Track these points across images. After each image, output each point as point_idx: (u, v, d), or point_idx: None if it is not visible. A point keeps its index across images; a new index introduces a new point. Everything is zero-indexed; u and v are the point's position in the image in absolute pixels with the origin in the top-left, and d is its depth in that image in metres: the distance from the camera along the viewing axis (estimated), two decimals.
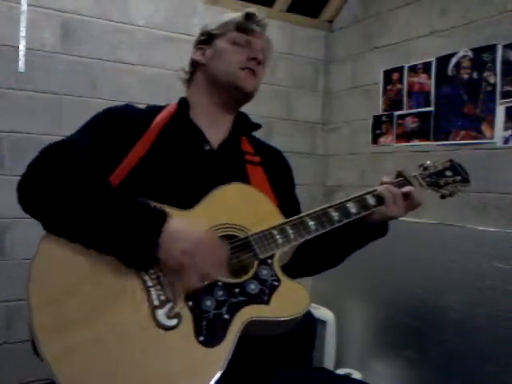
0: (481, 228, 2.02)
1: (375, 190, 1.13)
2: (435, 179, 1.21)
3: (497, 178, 2.02)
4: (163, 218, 0.92)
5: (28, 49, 2.12)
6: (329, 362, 2.45)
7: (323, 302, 2.60)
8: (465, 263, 2.01)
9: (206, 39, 1.22)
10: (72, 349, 0.86)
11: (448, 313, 2.05)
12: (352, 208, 1.10)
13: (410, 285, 2.22)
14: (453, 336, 2.01)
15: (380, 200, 1.12)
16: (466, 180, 1.25)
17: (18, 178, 1.01)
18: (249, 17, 1.20)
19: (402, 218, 1.15)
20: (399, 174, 1.18)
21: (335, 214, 1.08)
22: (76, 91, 2.24)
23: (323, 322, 2.47)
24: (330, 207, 1.09)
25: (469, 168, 1.28)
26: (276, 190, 1.18)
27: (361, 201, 1.11)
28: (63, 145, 1.04)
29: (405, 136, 2.46)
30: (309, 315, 2.31)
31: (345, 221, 1.08)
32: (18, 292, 2.07)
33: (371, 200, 1.12)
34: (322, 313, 2.51)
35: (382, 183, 1.15)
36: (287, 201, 1.23)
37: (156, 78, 2.38)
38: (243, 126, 1.24)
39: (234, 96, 1.17)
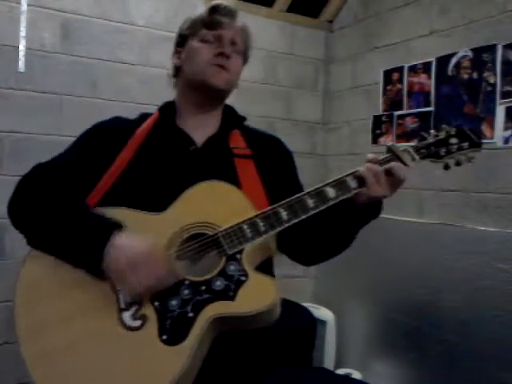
0: (481, 228, 2.02)
1: (356, 171, 1.06)
2: (434, 149, 1.10)
3: (497, 178, 2.02)
4: (109, 231, 0.95)
5: (28, 49, 2.12)
6: (329, 362, 2.45)
7: (323, 302, 2.60)
8: (465, 263, 2.01)
9: (181, 41, 1.21)
10: (46, 352, 0.93)
11: (448, 313, 2.05)
12: (330, 193, 1.04)
13: (410, 285, 2.22)
14: (453, 336, 2.01)
15: (362, 181, 1.05)
16: (476, 144, 1.11)
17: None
18: (214, 10, 1.17)
19: (402, 218, 1.14)
20: (389, 150, 1.10)
21: (310, 201, 1.03)
22: (76, 91, 2.24)
23: (323, 322, 2.47)
24: (306, 194, 1.04)
25: (469, 168, 1.21)
26: (269, 182, 1.16)
27: (340, 184, 1.05)
28: (49, 167, 1.09)
29: (405, 136, 2.45)
30: (309, 315, 2.31)
31: (322, 207, 1.03)
32: None
33: (352, 182, 1.05)
34: (322, 313, 2.51)
35: (368, 161, 1.08)
36: (286, 188, 1.18)
37: (156, 78, 2.38)
38: (230, 121, 1.23)
39: (207, 94, 1.17)
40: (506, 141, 2.00)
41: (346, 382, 1.19)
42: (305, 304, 2.46)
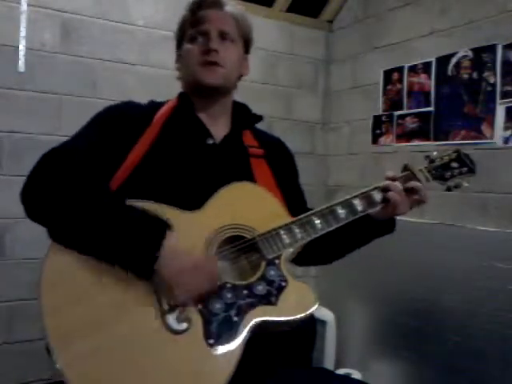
0: (481, 228, 2.02)
1: (381, 186, 1.12)
2: (441, 172, 1.19)
3: (497, 178, 2.02)
4: (163, 232, 0.91)
5: (28, 49, 2.12)
6: (329, 362, 2.45)
7: (323, 302, 2.60)
8: (465, 263, 2.01)
9: (178, 44, 1.20)
10: (84, 355, 0.86)
11: (448, 313, 2.05)
12: (358, 205, 1.09)
13: (410, 285, 2.22)
14: (453, 336, 2.01)
15: (386, 197, 1.10)
16: (471, 170, 1.21)
17: (18, 178, 1.02)
18: (195, 6, 1.13)
19: (402, 218, 1.14)
20: (405, 168, 1.17)
21: (341, 212, 1.07)
22: (76, 91, 2.24)
23: (323, 322, 2.47)
24: (336, 204, 1.08)
25: None
26: (280, 183, 1.18)
27: (367, 197, 1.10)
28: (64, 150, 1.01)
29: (405, 136, 2.45)
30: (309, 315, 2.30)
31: (351, 218, 1.08)
32: (18, 292, 2.08)
33: (377, 197, 1.11)
34: (322, 313, 2.51)
35: (388, 178, 1.13)
36: (292, 191, 1.22)
37: (156, 78, 2.38)
38: (244, 119, 1.22)
39: (208, 94, 1.15)
40: (506, 141, 2.00)
41: (346, 381, 1.19)
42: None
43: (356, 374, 2.31)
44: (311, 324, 2.26)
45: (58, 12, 2.20)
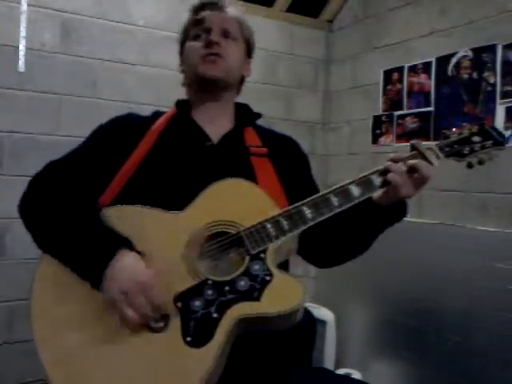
0: (481, 228, 2.02)
1: (381, 169, 1.04)
2: (457, 148, 1.08)
3: (497, 178, 2.02)
4: (113, 252, 0.92)
5: (28, 49, 2.12)
6: (329, 362, 2.45)
7: (323, 301, 2.60)
8: (465, 263, 2.01)
9: (181, 47, 1.22)
10: (65, 355, 0.90)
11: (448, 313, 2.05)
12: (355, 191, 1.02)
13: (410, 285, 2.22)
14: (453, 336, 2.01)
15: (386, 180, 1.02)
16: (499, 143, 1.09)
17: (18, 178, 1.03)
18: (199, 7, 1.18)
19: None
20: (413, 147, 1.08)
21: (335, 200, 1.00)
22: (76, 91, 2.24)
23: (323, 322, 2.47)
24: (331, 192, 1.01)
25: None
26: (285, 181, 1.15)
27: (365, 182, 1.03)
28: (60, 165, 1.07)
29: (405, 136, 2.46)
30: (309, 315, 2.30)
31: (346, 206, 1.01)
32: (18, 292, 2.07)
33: (376, 181, 1.03)
34: (322, 313, 2.51)
35: (390, 160, 1.05)
36: (301, 189, 1.18)
37: (156, 78, 2.39)
38: (244, 118, 1.22)
39: (209, 87, 1.15)
40: (506, 141, 1.99)
41: (346, 382, 1.19)
42: (305, 304, 2.45)
43: (356, 374, 2.31)
44: (311, 324, 2.26)
45: (58, 12, 2.20)
